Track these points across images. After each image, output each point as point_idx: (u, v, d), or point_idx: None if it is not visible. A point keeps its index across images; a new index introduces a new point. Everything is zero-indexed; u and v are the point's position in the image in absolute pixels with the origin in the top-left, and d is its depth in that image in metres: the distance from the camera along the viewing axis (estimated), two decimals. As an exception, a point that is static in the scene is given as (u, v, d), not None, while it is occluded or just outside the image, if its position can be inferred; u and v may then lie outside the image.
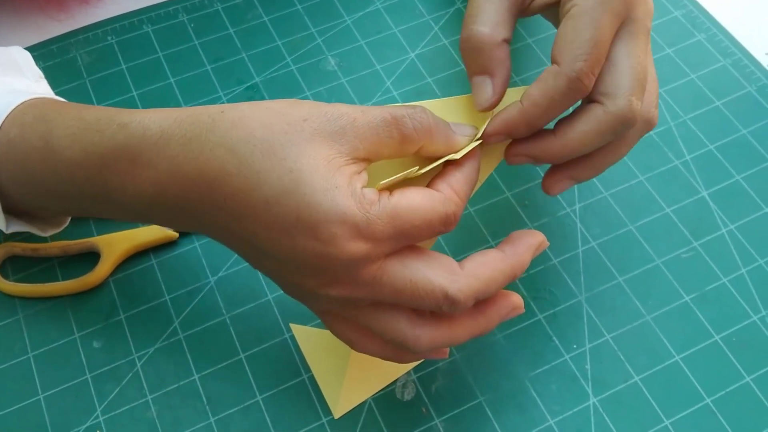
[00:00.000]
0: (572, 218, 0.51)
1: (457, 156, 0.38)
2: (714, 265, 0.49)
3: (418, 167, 0.37)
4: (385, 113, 0.35)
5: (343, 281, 0.35)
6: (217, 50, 0.60)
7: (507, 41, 0.40)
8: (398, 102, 0.57)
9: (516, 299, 0.39)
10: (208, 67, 0.59)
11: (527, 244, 0.39)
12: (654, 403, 0.45)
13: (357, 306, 0.37)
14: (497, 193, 0.52)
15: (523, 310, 0.39)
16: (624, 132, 0.39)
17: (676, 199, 0.52)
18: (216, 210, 0.35)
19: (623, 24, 0.39)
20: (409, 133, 0.36)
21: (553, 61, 0.38)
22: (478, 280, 0.36)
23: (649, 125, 0.41)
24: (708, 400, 0.45)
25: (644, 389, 0.45)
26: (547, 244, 0.40)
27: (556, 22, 0.41)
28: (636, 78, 0.38)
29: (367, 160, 0.36)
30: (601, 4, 0.37)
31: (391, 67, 0.59)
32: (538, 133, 0.40)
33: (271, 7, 0.63)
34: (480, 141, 0.39)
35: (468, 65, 0.40)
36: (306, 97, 0.57)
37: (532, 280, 0.49)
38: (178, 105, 0.57)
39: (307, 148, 0.34)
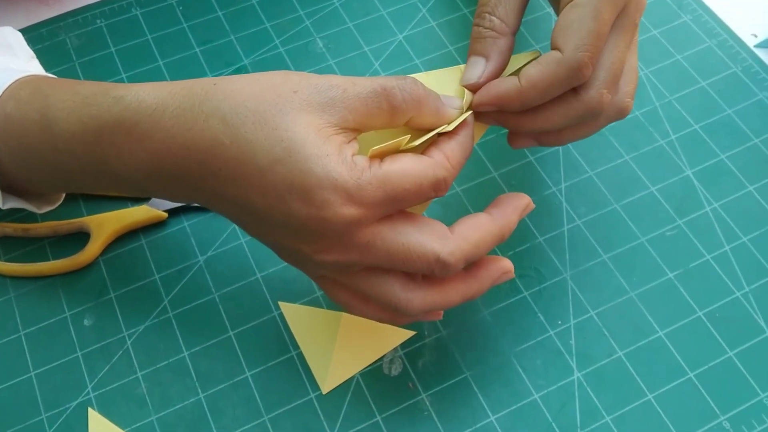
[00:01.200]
0: (558, 197, 0.52)
1: (450, 127, 0.38)
2: (698, 243, 0.50)
3: (409, 136, 0.38)
4: (375, 84, 0.36)
5: (337, 246, 0.36)
6: (206, 33, 0.61)
7: (513, 33, 0.41)
8: (386, 83, 0.58)
9: (506, 263, 0.40)
10: (197, 50, 0.60)
11: (514, 205, 0.40)
12: (637, 378, 0.45)
13: (351, 271, 0.38)
14: (484, 173, 0.53)
15: (513, 275, 0.41)
16: (587, 119, 0.40)
17: (661, 178, 0.53)
18: (212, 178, 0.36)
19: (617, 17, 0.40)
20: (398, 104, 0.36)
21: (554, 47, 0.39)
22: (468, 242, 0.37)
23: (621, 114, 0.42)
24: (691, 375, 0.46)
25: (628, 364, 0.46)
26: (533, 206, 0.41)
27: (556, 6, 0.42)
28: (612, 72, 0.39)
29: (357, 130, 0.37)
30: None
31: (379, 49, 0.60)
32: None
33: (260, -11, 0.63)
34: (470, 113, 0.40)
35: (472, 46, 0.41)
36: (294, 79, 0.58)
37: (518, 258, 0.50)
38: (167, 87, 0.57)
39: (297, 117, 0.35)
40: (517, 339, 0.47)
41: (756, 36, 0.60)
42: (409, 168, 0.36)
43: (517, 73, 0.42)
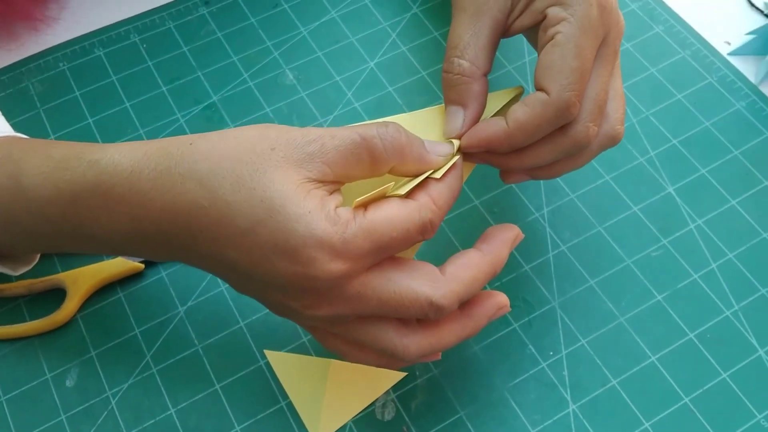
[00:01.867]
0: (541, 223, 0.51)
1: (438, 174, 0.37)
2: (684, 262, 0.50)
3: (393, 183, 0.37)
4: (354, 134, 0.35)
5: (327, 300, 0.35)
6: (172, 70, 0.59)
7: (486, 74, 0.40)
8: (361, 114, 0.57)
9: (501, 298, 0.40)
10: (164, 89, 0.58)
11: (503, 239, 0.39)
12: (633, 406, 0.45)
13: (344, 321, 0.37)
14: (465, 203, 0.52)
15: (509, 309, 0.40)
16: (576, 152, 0.40)
17: (642, 197, 0.52)
18: (193, 240, 0.35)
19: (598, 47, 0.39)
20: (379, 154, 0.36)
21: (539, 88, 0.38)
22: (460, 283, 0.37)
23: (613, 141, 0.41)
24: (686, 399, 0.45)
25: (622, 392, 0.45)
26: (522, 236, 0.40)
27: (534, 42, 0.41)
28: (597, 105, 0.39)
29: (338, 182, 0.36)
30: (585, 31, 0.38)
31: (351, 77, 0.59)
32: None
33: (225, 22, 0.62)
34: (458, 156, 0.39)
35: (445, 95, 0.41)
36: (266, 114, 0.57)
37: (505, 289, 0.49)
38: (135, 129, 0.56)
39: (275, 175, 0.34)
40: (509, 373, 0.46)
41: (729, 43, 0.59)
42: (395, 215, 0.35)
43: (502, 111, 0.41)
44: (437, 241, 0.50)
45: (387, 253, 0.35)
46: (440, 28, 0.61)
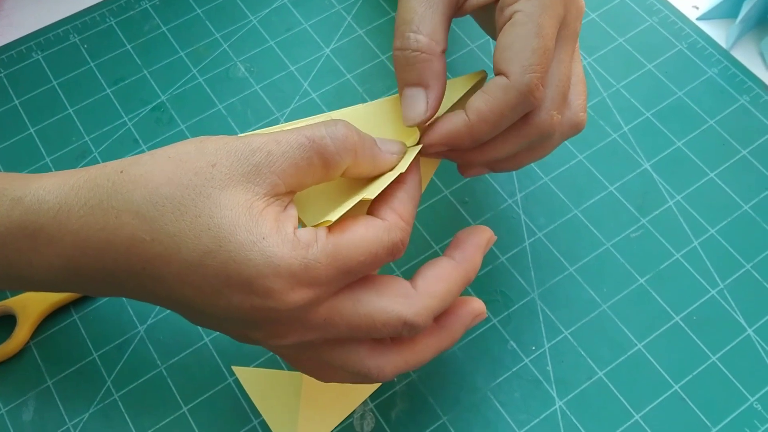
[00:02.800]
0: (515, 210, 0.49)
1: (401, 169, 0.35)
2: (665, 242, 0.48)
3: (362, 196, 0.33)
4: (301, 138, 0.32)
5: (291, 329, 0.32)
6: (116, 70, 0.56)
7: (444, 51, 0.37)
8: (319, 105, 0.53)
9: (477, 305, 0.37)
10: (108, 91, 0.55)
11: (475, 244, 0.37)
12: (621, 398, 0.43)
13: (313, 347, 0.34)
14: (435, 193, 0.50)
15: (486, 315, 0.37)
16: (539, 143, 0.37)
17: (618, 175, 0.50)
18: (135, 276, 0.32)
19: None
20: (331, 156, 0.32)
21: (498, 72, 0.35)
22: (434, 297, 0.34)
23: (576, 129, 0.39)
24: (676, 387, 0.43)
25: (610, 384, 0.43)
26: (495, 238, 0.38)
27: (488, 25, 0.38)
28: (560, 92, 0.36)
29: (291, 192, 0.33)
30: (546, 9, 0.35)
31: (307, 66, 0.55)
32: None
33: (169, 15, 0.58)
34: (419, 148, 0.36)
35: (401, 76, 0.37)
36: (218, 112, 0.53)
37: (482, 283, 0.46)
38: (80, 137, 0.53)
39: (220, 198, 0.31)
40: (491, 372, 0.44)
41: (697, 8, 0.57)
42: (361, 237, 0.32)
43: (462, 101, 0.38)
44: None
45: (353, 277, 0.32)
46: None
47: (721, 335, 0.45)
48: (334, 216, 0.32)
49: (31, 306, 0.45)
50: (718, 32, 0.56)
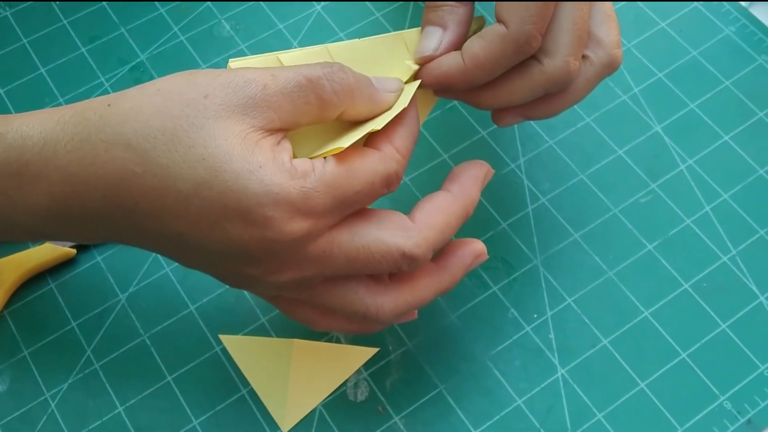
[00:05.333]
0: (518, 174, 0.54)
1: (395, 111, 0.39)
2: (675, 207, 0.53)
3: (370, 127, 0.38)
4: (299, 76, 0.36)
5: (290, 264, 0.37)
6: (91, 28, 0.61)
7: None
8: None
9: (477, 245, 0.42)
10: (83, 50, 0.60)
11: (473, 177, 0.42)
12: (626, 366, 0.48)
13: (310, 285, 0.39)
14: (433, 157, 0.55)
15: (487, 256, 0.43)
16: (556, 90, 0.42)
17: (627, 138, 0.55)
18: (128, 213, 0.36)
19: None
20: (328, 96, 0.37)
21: (498, 19, 0.40)
22: (433, 229, 0.39)
23: (610, 68, 0.43)
24: (683, 355, 0.48)
25: (614, 352, 0.49)
26: (493, 171, 0.43)
27: None
28: (576, 36, 0.41)
29: (284, 129, 0.37)
30: None
31: (296, 24, 0.61)
32: None
33: (148, -31, 0.63)
34: (419, 82, 0.41)
35: (426, 15, 0.42)
36: (202, 72, 0.58)
37: (482, 249, 0.52)
38: (53, 98, 0.58)
39: (214, 128, 0.35)
40: (491, 341, 0.49)
41: (714, -37, 0.62)
42: (358, 167, 0.36)
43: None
44: (403, 203, 0.53)
45: (351, 209, 0.37)
46: (393, -38, 0.63)
47: (732, 302, 0.50)
48: (345, 143, 0.37)
49: (5, 272, 0.50)
50: (736, -11, 0.61)
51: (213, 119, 0.35)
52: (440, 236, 0.39)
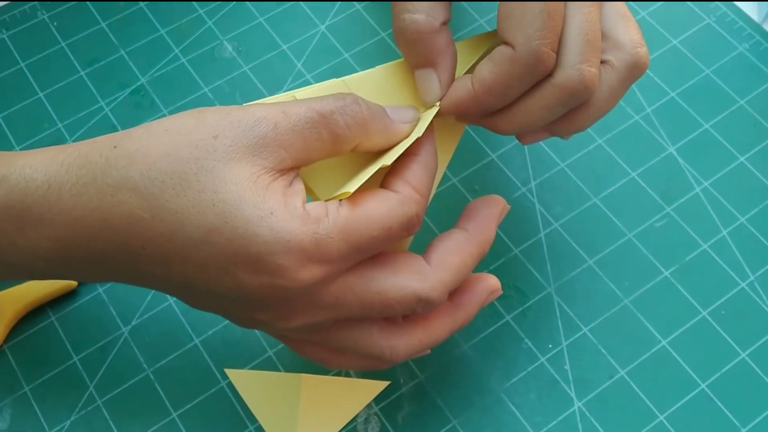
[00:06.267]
0: (529, 199, 0.53)
1: (411, 139, 0.38)
2: (691, 231, 0.52)
3: (381, 163, 0.37)
4: (311, 112, 0.35)
5: (301, 310, 0.36)
6: (90, 50, 0.59)
7: (446, 23, 0.40)
8: (313, 87, 0.57)
9: (492, 281, 0.41)
10: (82, 73, 0.58)
11: (489, 215, 0.41)
12: (644, 398, 0.47)
13: (322, 329, 0.38)
14: (443, 181, 0.54)
15: (501, 291, 0.42)
16: (577, 104, 0.39)
17: (641, 160, 0.54)
18: (134, 257, 0.35)
19: None
20: (341, 132, 0.36)
21: (504, 41, 0.38)
22: (449, 271, 0.38)
23: (638, 68, 0.40)
24: (703, 386, 0.47)
25: (632, 383, 0.47)
26: (508, 207, 0.42)
27: None
28: (585, 40, 0.38)
29: (296, 167, 0.36)
30: None
31: (300, 45, 0.59)
32: None
33: (147, -11, 0.62)
34: (435, 110, 0.40)
35: (407, 58, 0.41)
36: (204, 95, 0.57)
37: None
38: (53, 123, 0.56)
39: (224, 172, 0.34)
40: (505, 373, 0.48)
41: (726, -22, 0.61)
42: (374, 210, 0.35)
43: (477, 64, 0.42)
44: (413, 229, 0.51)
45: (367, 254, 0.36)
46: (398, -20, 0.62)
47: (752, 330, 0.49)
48: (352, 187, 0.36)
49: (5, 306, 0.49)
50: (749, 5, 0.60)
51: (223, 162, 0.34)
52: (456, 278, 0.38)
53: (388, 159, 0.37)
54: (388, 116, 0.38)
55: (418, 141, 0.38)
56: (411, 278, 0.37)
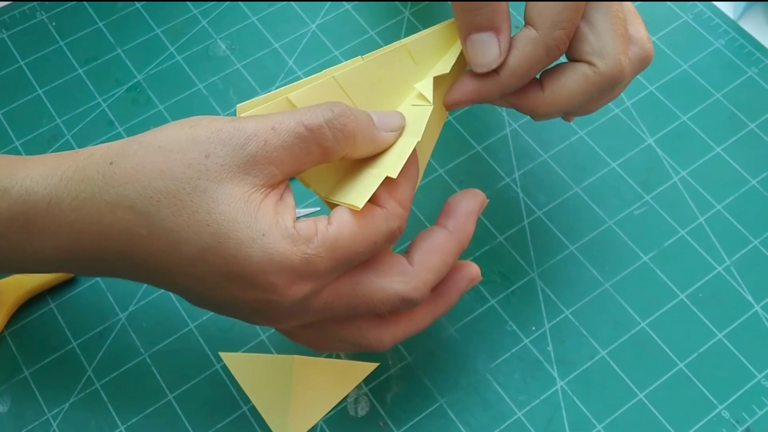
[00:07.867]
0: (513, 188, 0.54)
1: (412, 145, 0.38)
2: (669, 218, 0.53)
3: (385, 174, 0.37)
4: (299, 127, 0.36)
5: (293, 315, 0.38)
6: (88, 49, 0.61)
7: None
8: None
9: (472, 269, 0.43)
10: (80, 71, 0.60)
11: (468, 211, 0.42)
12: (625, 377, 0.48)
13: (313, 324, 0.40)
14: (429, 173, 0.55)
15: (481, 278, 0.43)
16: (611, 89, 0.42)
17: (621, 151, 0.56)
18: (136, 267, 0.37)
19: None
20: (330, 145, 0.37)
21: (528, 23, 0.40)
22: (430, 270, 0.39)
23: (645, 62, 0.43)
24: (681, 365, 0.49)
25: (612, 363, 0.49)
26: (487, 201, 0.43)
27: None
28: (620, 34, 0.41)
29: (286, 179, 0.38)
30: None
31: (291, 43, 0.61)
32: (526, 87, 0.42)
33: (143, -10, 0.63)
34: (429, 111, 0.40)
35: (468, 20, 0.41)
36: (198, 91, 0.59)
37: (480, 264, 0.50)
38: (51, 120, 0.58)
39: (217, 193, 0.35)
40: (490, 354, 0.49)
41: (703, -23, 0.63)
42: (361, 228, 0.36)
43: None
44: (401, 217, 0.53)
45: (352, 266, 0.38)
46: (386, -19, 0.63)
47: (728, 312, 0.50)
48: (360, 201, 0.37)
49: (5, 293, 0.50)
50: (725, 2, 0.61)
51: (216, 182, 0.35)
52: (437, 276, 0.40)
53: (393, 171, 0.37)
54: (375, 126, 0.39)
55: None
56: (395, 280, 0.38)
